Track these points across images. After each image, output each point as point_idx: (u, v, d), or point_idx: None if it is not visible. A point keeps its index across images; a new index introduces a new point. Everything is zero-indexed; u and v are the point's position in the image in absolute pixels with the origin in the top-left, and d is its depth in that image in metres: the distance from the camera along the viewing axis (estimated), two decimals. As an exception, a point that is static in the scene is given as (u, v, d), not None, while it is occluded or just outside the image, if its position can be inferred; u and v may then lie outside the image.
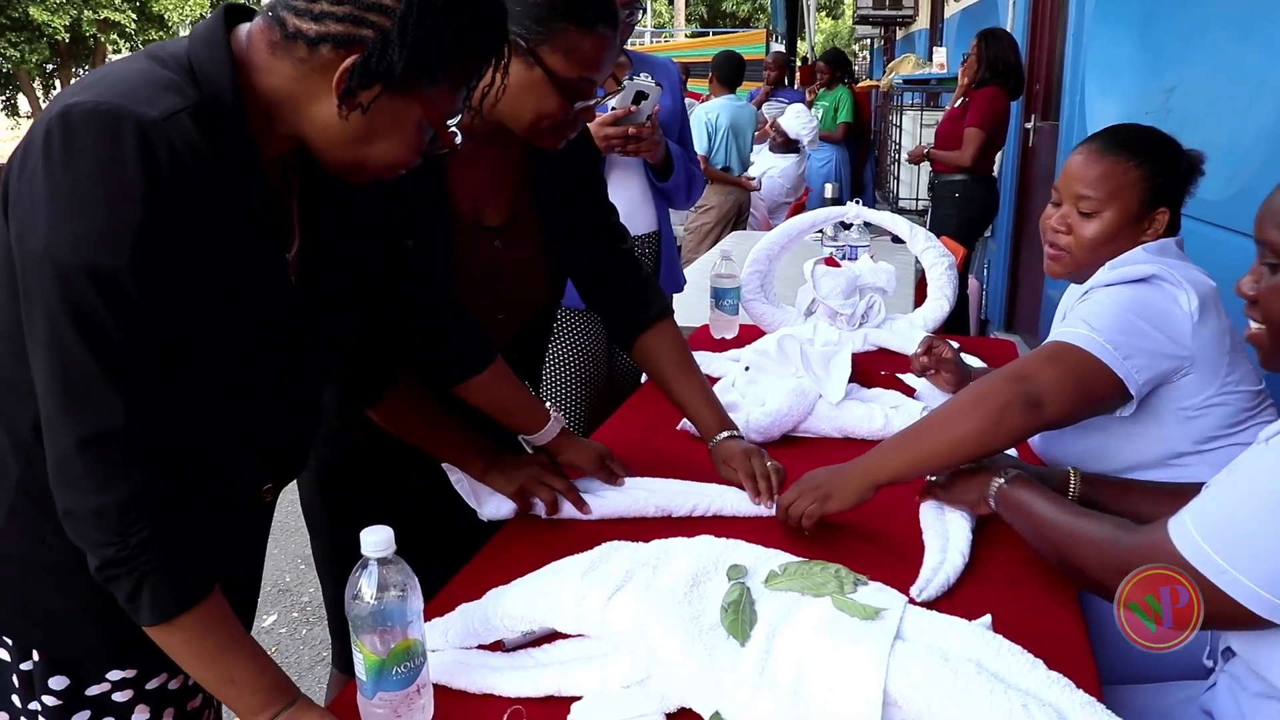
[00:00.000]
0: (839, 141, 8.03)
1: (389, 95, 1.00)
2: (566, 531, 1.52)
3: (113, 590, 0.96)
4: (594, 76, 1.45)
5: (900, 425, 1.90)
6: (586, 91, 1.46)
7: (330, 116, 1.01)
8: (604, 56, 1.44)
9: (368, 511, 1.62)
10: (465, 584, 1.37)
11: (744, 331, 2.65)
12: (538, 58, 1.39)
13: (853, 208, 2.69)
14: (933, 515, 1.51)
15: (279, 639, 3.07)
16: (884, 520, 1.54)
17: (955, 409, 1.45)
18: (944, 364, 2.04)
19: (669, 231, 2.62)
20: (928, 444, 1.44)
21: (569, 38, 1.39)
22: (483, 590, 1.26)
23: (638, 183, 2.49)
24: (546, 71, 1.40)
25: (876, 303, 2.58)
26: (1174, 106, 3.33)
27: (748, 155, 5.98)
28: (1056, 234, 1.69)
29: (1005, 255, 5.86)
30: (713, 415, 1.70)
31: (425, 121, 1.06)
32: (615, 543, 1.24)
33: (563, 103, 1.43)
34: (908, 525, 1.52)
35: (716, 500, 1.57)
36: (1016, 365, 1.50)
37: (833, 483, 1.48)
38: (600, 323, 2.47)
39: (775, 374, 2.02)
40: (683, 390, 1.73)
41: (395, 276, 1.36)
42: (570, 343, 2.45)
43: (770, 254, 2.63)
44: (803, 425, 1.92)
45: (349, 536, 1.68)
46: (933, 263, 2.58)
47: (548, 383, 2.46)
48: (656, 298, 1.77)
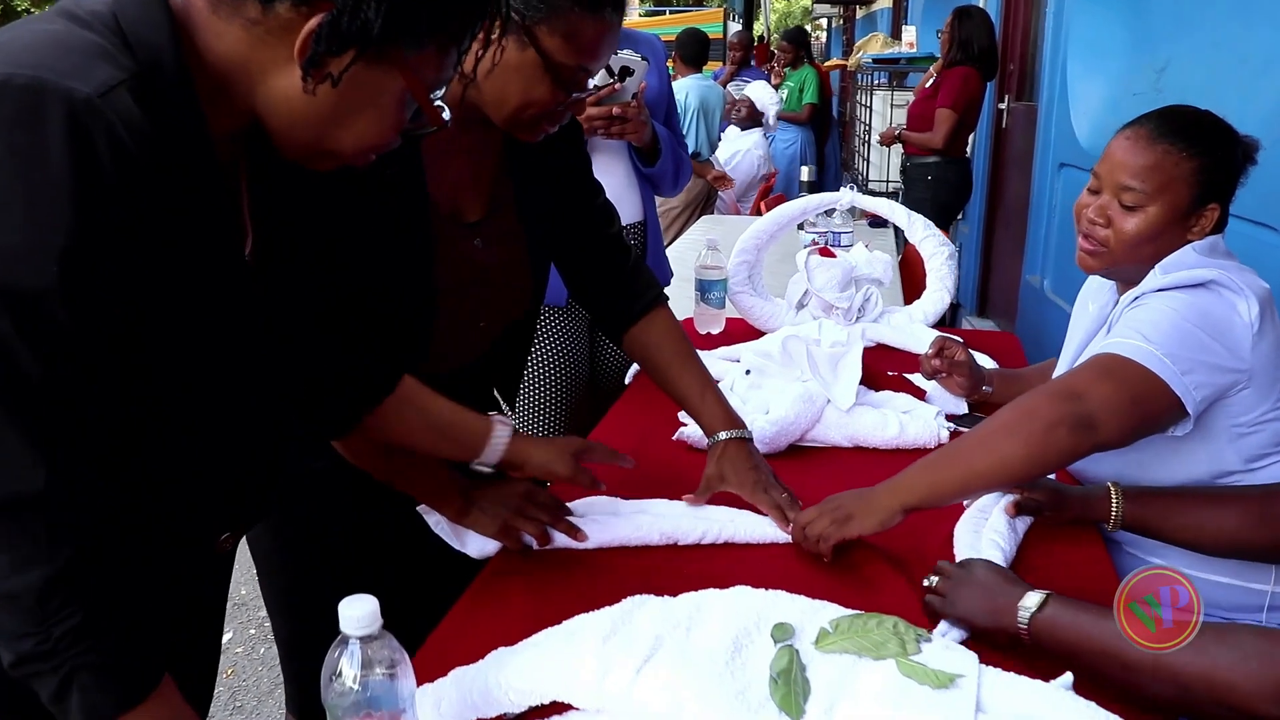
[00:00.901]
0: (804, 122, 7.88)
1: (364, 63, 0.83)
2: (563, 562, 1.36)
3: (35, 688, 0.78)
4: (591, 66, 1.28)
5: (916, 433, 1.75)
6: (581, 81, 1.29)
7: (292, 90, 0.83)
8: (605, 44, 1.28)
9: (331, 537, 1.46)
10: (454, 630, 1.20)
11: (731, 326, 2.49)
12: (534, 38, 1.22)
13: (847, 194, 2.54)
14: (968, 539, 1.36)
15: (235, 659, 2.87)
16: (913, 543, 1.39)
17: (997, 428, 1.30)
18: (957, 366, 1.89)
19: (655, 221, 2.45)
20: (964, 466, 1.29)
21: (571, 20, 1.22)
22: (476, 637, 1.10)
23: (622, 169, 2.30)
24: (541, 54, 1.22)
25: (873, 295, 2.43)
26: (1165, 87, 3.20)
27: (716, 137, 5.80)
28: (1094, 225, 1.53)
29: (978, 239, 5.76)
30: (718, 409, 1.52)
31: (408, 94, 0.87)
32: (640, 597, 1.08)
33: (554, 91, 1.26)
34: (941, 550, 1.37)
35: (728, 526, 1.41)
36: (1065, 381, 1.34)
37: (856, 504, 1.33)
38: (581, 320, 2.31)
39: (779, 378, 1.86)
40: (683, 382, 1.55)
41: (369, 284, 1.18)
42: (549, 344, 2.27)
43: (759, 243, 2.47)
44: (810, 434, 1.77)
45: (309, 564, 1.53)
46: (932, 252, 2.44)
47: (524, 389, 2.28)
48: (650, 283, 1.61)
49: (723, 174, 5.72)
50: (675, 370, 1.56)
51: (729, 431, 1.48)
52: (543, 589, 1.28)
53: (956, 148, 5.07)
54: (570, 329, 2.30)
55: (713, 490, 1.47)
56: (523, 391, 2.30)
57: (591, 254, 1.58)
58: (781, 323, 2.42)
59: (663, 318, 1.58)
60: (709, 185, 5.58)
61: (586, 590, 1.26)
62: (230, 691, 2.71)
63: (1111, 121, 3.60)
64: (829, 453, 1.76)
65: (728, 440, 1.47)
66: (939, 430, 1.76)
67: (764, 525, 1.42)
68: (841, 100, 10.58)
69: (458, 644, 1.13)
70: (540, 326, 2.26)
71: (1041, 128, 4.39)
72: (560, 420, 2.31)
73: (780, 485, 1.46)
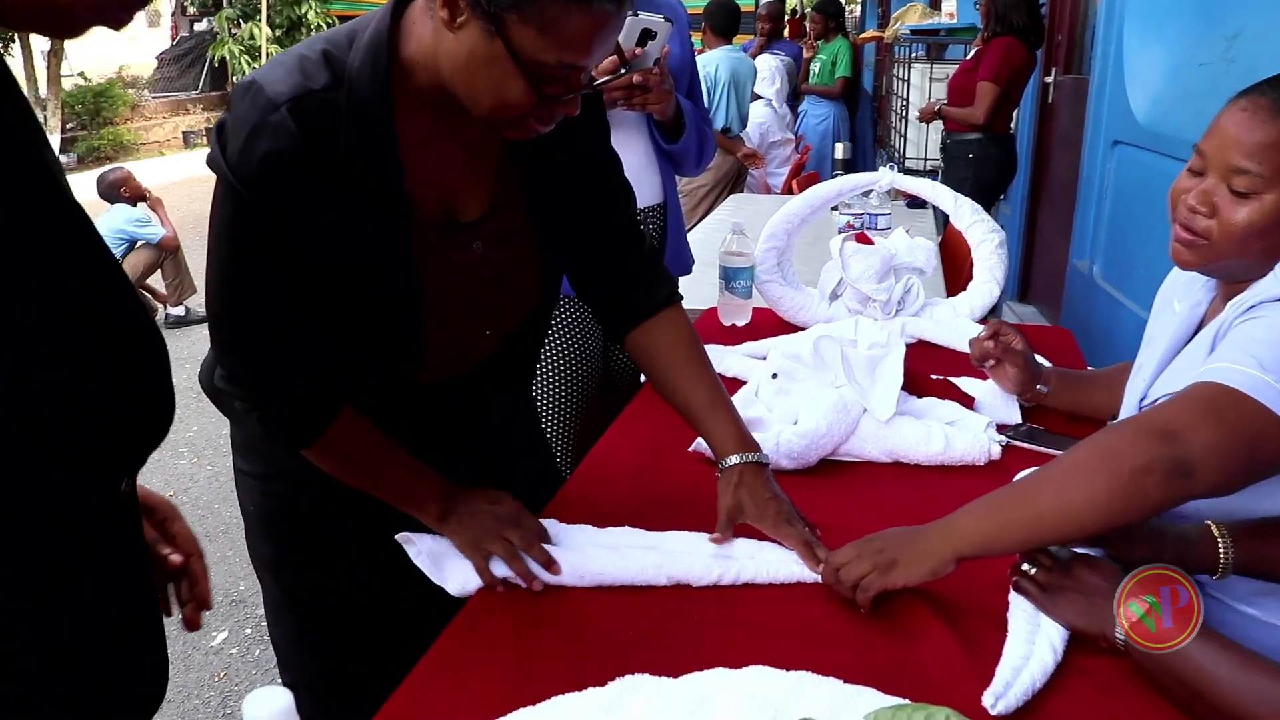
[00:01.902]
0: (837, 97, 7.61)
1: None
2: (555, 602, 1.17)
3: None
4: (581, 62, 1.03)
5: (963, 448, 1.54)
6: (570, 80, 1.05)
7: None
8: (599, 39, 1.02)
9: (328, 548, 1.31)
10: (435, 671, 1.03)
11: (757, 317, 2.29)
12: (501, 27, 0.98)
13: (886, 174, 2.31)
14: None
15: (229, 661, 2.71)
16: (957, 585, 1.19)
17: (1073, 466, 1.08)
18: (1011, 354, 1.67)
19: (676, 204, 2.24)
20: (1031, 511, 1.08)
21: (550, 9, 0.97)
22: (455, 685, 0.93)
23: (641, 145, 2.09)
24: (511, 50, 0.99)
25: (914, 286, 2.21)
26: (1237, 56, 2.94)
27: (747, 112, 5.55)
28: (1194, 214, 1.26)
29: (1021, 220, 5.49)
30: (730, 429, 1.31)
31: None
32: (634, 678, 0.89)
33: (527, 92, 1.02)
34: (986, 594, 1.17)
35: (749, 567, 1.21)
36: (1158, 417, 1.09)
37: (902, 548, 1.13)
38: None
39: (810, 383, 1.65)
40: (691, 393, 1.34)
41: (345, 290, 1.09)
42: (559, 337, 2.07)
43: (789, 228, 2.26)
44: (844, 448, 1.56)
45: (308, 576, 1.37)
46: (981, 239, 2.21)
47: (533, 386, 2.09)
48: (664, 279, 1.41)
49: (753, 151, 5.48)
50: (683, 379, 1.35)
51: (742, 455, 1.28)
52: (526, 635, 1.10)
53: (999, 123, 4.81)
54: (583, 320, 2.10)
55: (734, 523, 1.27)
56: (536, 393, 2.11)
57: (602, 240, 1.37)
58: (813, 315, 2.22)
59: (674, 319, 1.39)
60: (739, 163, 5.35)
61: (577, 642, 1.08)
62: (221, 696, 2.56)
63: (1173, 95, 3.36)
64: (865, 469, 1.56)
65: (743, 466, 1.27)
66: (989, 444, 1.55)
67: (789, 562, 1.22)
68: (877, 74, 10.26)
69: (434, 688, 0.99)
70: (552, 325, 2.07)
71: (1093, 102, 4.13)
72: (571, 420, 2.12)
73: (801, 518, 1.27)
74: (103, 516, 0.79)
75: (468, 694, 0.99)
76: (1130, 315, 3.55)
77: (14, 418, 0.68)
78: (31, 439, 0.69)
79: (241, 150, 1.00)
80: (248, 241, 1.06)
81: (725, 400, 1.35)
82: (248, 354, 1.13)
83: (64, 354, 0.72)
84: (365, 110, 1.04)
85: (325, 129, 1.01)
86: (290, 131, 0.99)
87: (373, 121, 1.04)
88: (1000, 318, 4.43)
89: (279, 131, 0.99)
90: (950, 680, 1.03)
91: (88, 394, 0.73)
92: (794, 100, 7.82)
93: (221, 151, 1.02)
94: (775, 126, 6.67)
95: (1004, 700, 0.98)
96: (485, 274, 1.21)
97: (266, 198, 1.02)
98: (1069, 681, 1.04)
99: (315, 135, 1.01)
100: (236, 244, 1.07)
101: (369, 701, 1.01)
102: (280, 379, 1.13)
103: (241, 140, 1.00)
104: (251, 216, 1.04)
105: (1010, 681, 1.01)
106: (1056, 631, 1.07)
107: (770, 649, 1.07)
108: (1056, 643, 1.06)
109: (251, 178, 1.01)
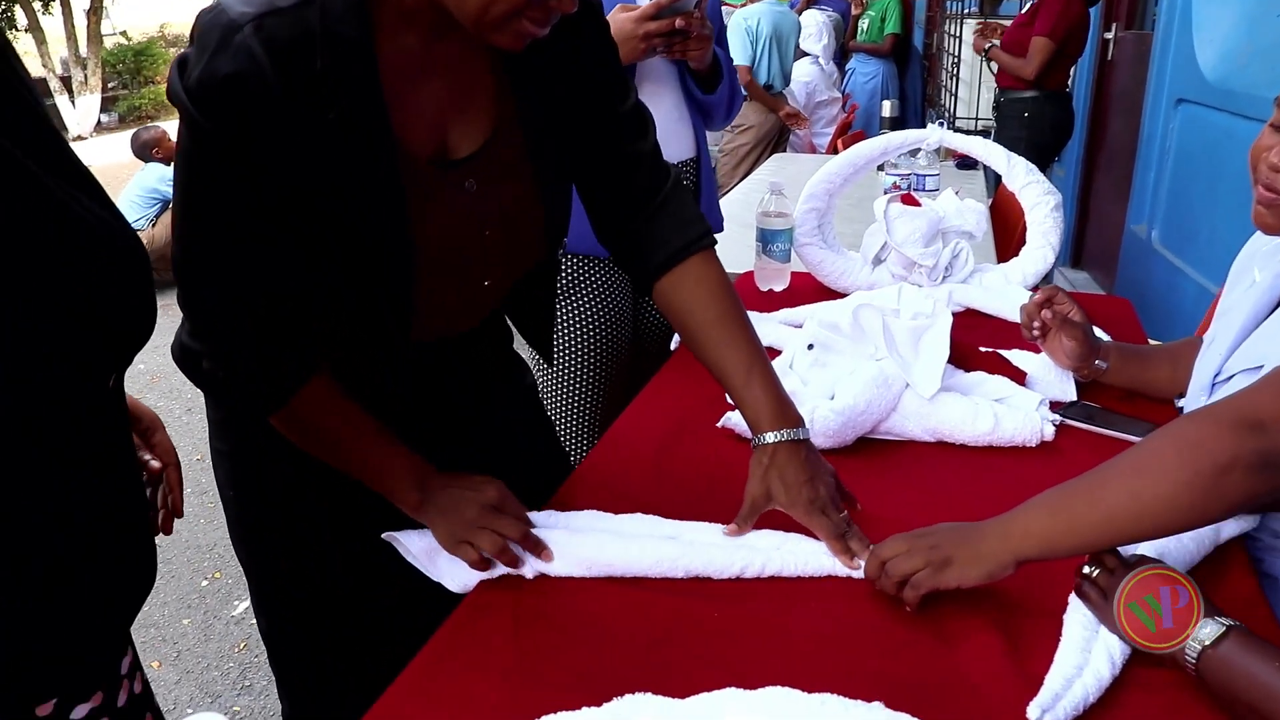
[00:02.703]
0: (886, 55, 7.37)
1: None
2: (559, 598, 1.07)
3: None
4: None
5: (1013, 428, 1.42)
6: None
7: None
8: None
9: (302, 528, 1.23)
10: (425, 674, 0.94)
11: (796, 282, 2.17)
12: None
13: (935, 131, 2.17)
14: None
15: (249, 631, 2.67)
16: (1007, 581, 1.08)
17: (1147, 461, 0.96)
18: (1067, 326, 1.54)
19: (708, 158, 2.12)
20: (1100, 511, 0.96)
21: None
22: (446, 692, 0.84)
23: (672, 96, 1.97)
24: None
25: (963, 251, 2.08)
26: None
27: (790, 68, 5.37)
28: (1276, 174, 1.14)
29: (1075, 183, 5.29)
30: (766, 399, 1.17)
31: None
32: (635, 697, 0.79)
33: None
34: (1044, 590, 1.06)
35: (774, 558, 1.11)
36: (1244, 404, 0.96)
37: (957, 546, 1.02)
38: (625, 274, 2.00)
39: (848, 355, 1.54)
40: (725, 356, 1.20)
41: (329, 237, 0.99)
42: (587, 300, 1.97)
43: (830, 188, 2.13)
44: (884, 425, 1.45)
45: (282, 557, 1.29)
46: (1035, 202, 2.07)
47: (557, 352, 2.00)
48: (692, 219, 1.26)
49: (796, 111, 5.30)
50: (716, 338, 1.20)
51: (779, 433, 1.15)
52: (525, 635, 1.01)
53: (1056, 81, 4.60)
54: (612, 283, 2.00)
55: (758, 514, 1.15)
56: (555, 355, 2.02)
57: (614, 174, 1.23)
58: (855, 280, 2.09)
59: (704, 267, 1.24)
60: (780, 121, 5.18)
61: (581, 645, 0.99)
62: (240, 668, 2.52)
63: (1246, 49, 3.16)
64: (906, 449, 1.45)
65: (777, 445, 1.15)
66: (1041, 424, 1.43)
67: (819, 554, 1.12)
68: (928, 31, 9.97)
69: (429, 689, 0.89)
70: (578, 280, 1.97)
71: (1156, 58, 3.93)
72: (597, 388, 2.03)
73: (844, 499, 1.16)
74: (94, 405, 0.79)
75: (458, 702, 0.90)
76: (1190, 283, 3.38)
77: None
78: (22, 336, 0.69)
79: (201, 75, 0.89)
80: (208, 176, 0.95)
81: (763, 365, 1.20)
82: (211, 303, 1.02)
83: (48, 256, 0.71)
84: (340, 29, 0.92)
85: (296, 51, 0.90)
86: (254, 53, 0.88)
87: (349, 42, 0.93)
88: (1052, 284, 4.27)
89: (240, 53, 0.88)
90: (993, 689, 0.93)
91: (73, 293, 0.72)
92: (841, 58, 7.60)
93: (182, 82, 0.91)
94: (822, 85, 6.48)
95: (1051, 714, 0.89)
96: (481, 216, 1.10)
97: (226, 126, 0.91)
98: (1127, 697, 0.93)
99: (284, 58, 0.89)
100: (197, 179, 0.95)
101: (352, 700, 0.92)
102: (245, 331, 1.02)
103: (201, 65, 0.89)
104: (212, 148, 0.92)
105: (1060, 694, 0.91)
106: (1117, 642, 0.96)
107: (794, 654, 0.98)
108: (1116, 654, 0.95)
109: (211, 104, 0.89)
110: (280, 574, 1.27)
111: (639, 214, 1.24)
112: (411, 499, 1.11)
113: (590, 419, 2.03)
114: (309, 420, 1.09)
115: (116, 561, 0.82)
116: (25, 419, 0.71)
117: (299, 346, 1.05)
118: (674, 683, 0.88)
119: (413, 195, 1.02)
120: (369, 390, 1.12)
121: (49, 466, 0.74)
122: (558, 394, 2.03)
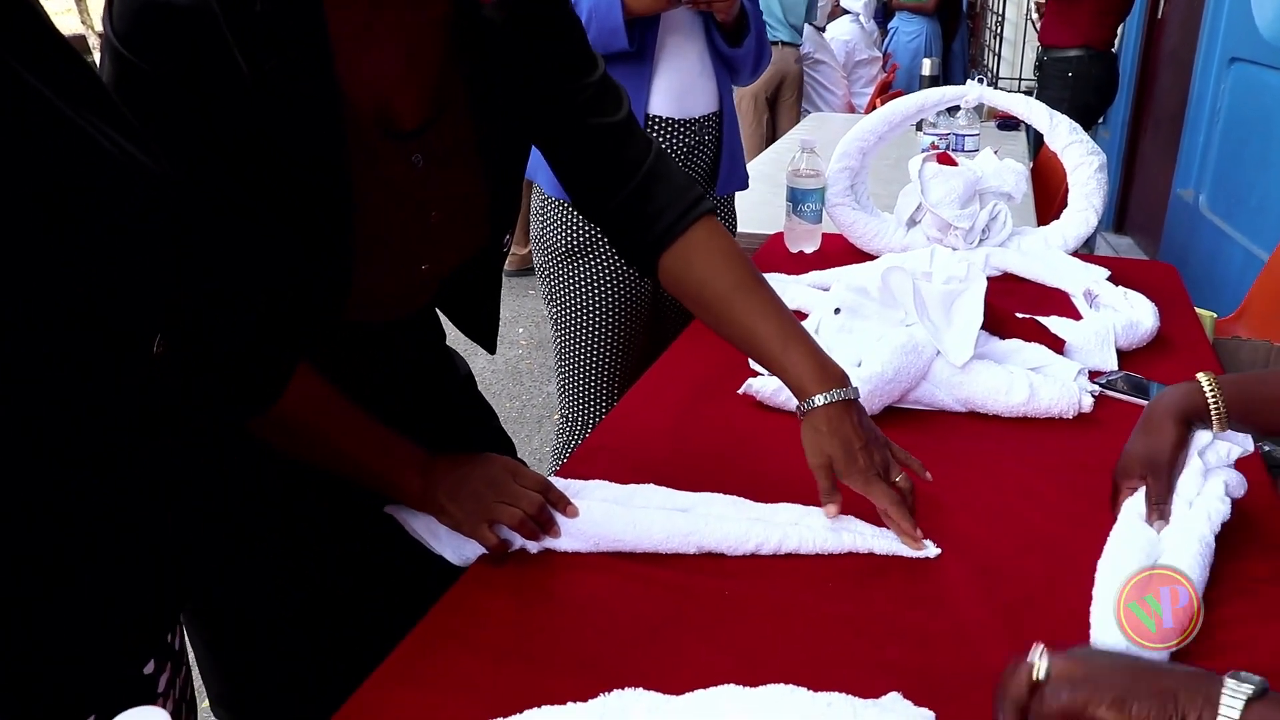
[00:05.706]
0: (930, 13, 7.20)
1: None
2: (559, 575, 1.02)
3: None
4: None
5: (1049, 399, 1.35)
6: None
7: None
8: None
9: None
10: (420, 649, 0.90)
11: (827, 244, 2.10)
12: None
13: (974, 88, 2.08)
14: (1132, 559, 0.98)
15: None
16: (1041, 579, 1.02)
17: None
18: None
19: (732, 112, 2.04)
20: None
21: None
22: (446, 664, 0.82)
23: (695, 49, 1.90)
24: None
25: (1001, 213, 1.99)
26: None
27: (800, 19, 5.16)
28: None
29: (1120, 145, 5.14)
30: (807, 362, 1.07)
31: None
32: (626, 693, 0.74)
33: None
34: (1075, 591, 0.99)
35: (792, 534, 1.05)
36: None
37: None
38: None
39: (876, 320, 1.47)
40: (755, 324, 1.10)
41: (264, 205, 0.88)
42: (601, 266, 1.91)
43: (864, 146, 2.05)
44: (913, 394, 1.39)
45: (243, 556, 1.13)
46: (1078, 162, 1.98)
47: (573, 320, 1.94)
48: (683, 188, 1.15)
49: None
50: (740, 308, 1.11)
51: (827, 394, 1.05)
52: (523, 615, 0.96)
53: (1101, 39, 4.44)
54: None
55: (834, 482, 1.06)
56: (572, 323, 1.96)
57: (589, 149, 1.13)
58: (888, 242, 2.02)
59: (709, 234, 1.14)
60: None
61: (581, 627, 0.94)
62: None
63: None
64: (936, 420, 1.38)
65: (827, 407, 1.05)
66: (1079, 395, 1.36)
67: (841, 530, 1.06)
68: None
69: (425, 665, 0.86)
70: (595, 238, 1.91)
71: (1210, 16, 3.79)
72: (615, 358, 1.97)
73: (901, 460, 1.09)
74: (137, 373, 0.70)
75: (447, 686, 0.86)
76: (1238, 249, 3.27)
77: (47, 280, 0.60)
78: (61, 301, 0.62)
79: (138, 4, 0.80)
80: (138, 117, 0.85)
81: (796, 327, 1.11)
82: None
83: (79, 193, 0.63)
84: None
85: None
86: None
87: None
88: (1094, 249, 4.15)
89: None
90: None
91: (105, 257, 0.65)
92: (884, 16, 7.43)
93: (110, 17, 0.82)
94: (861, 43, 6.33)
95: None
96: (425, 194, 1.01)
97: (147, 55, 0.81)
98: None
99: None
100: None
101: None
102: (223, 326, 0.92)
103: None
104: (132, 79, 0.82)
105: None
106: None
107: (808, 639, 0.92)
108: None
109: (130, 30, 0.80)
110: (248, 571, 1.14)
111: (622, 188, 1.14)
112: (415, 485, 1.04)
113: (609, 383, 1.98)
114: (296, 418, 0.99)
115: (117, 563, 0.76)
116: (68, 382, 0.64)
117: (275, 338, 0.95)
118: (679, 669, 0.83)
119: (357, 159, 0.93)
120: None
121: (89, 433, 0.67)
122: (574, 365, 1.98)
